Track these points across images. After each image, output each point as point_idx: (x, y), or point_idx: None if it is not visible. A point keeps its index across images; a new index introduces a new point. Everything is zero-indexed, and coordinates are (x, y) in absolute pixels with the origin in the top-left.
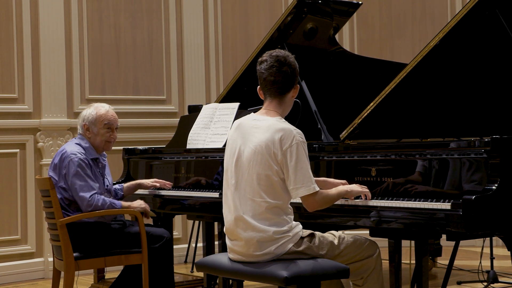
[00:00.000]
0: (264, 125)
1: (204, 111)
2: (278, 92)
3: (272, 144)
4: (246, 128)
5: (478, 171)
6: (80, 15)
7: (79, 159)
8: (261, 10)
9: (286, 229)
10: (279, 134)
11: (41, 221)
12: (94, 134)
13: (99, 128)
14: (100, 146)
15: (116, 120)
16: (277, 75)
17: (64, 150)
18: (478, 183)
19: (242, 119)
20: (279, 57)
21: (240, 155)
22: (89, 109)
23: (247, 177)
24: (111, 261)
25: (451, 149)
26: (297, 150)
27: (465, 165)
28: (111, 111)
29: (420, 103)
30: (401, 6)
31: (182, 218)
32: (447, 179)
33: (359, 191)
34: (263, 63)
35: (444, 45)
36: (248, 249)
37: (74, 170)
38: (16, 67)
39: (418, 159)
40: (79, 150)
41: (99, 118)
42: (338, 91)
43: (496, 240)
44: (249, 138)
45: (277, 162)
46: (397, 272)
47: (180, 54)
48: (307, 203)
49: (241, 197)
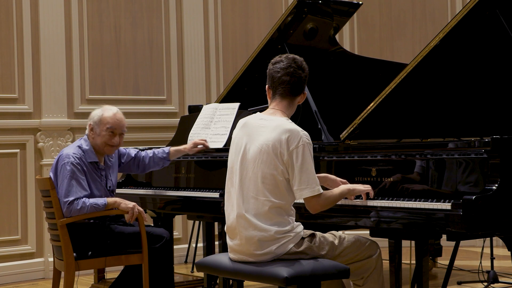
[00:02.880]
0: (272, 124)
1: (204, 111)
2: (290, 93)
3: (279, 144)
4: (253, 127)
5: (478, 171)
6: (80, 15)
7: (72, 163)
8: (261, 10)
9: (288, 229)
10: (287, 134)
11: (41, 221)
12: (96, 134)
13: (101, 130)
14: (101, 148)
15: (120, 126)
16: (292, 76)
17: (61, 153)
18: (478, 183)
19: (248, 118)
20: (297, 60)
21: (245, 153)
22: (98, 110)
23: (251, 175)
24: (111, 261)
25: (451, 149)
26: (303, 152)
27: (465, 165)
28: (118, 115)
29: (420, 103)
30: (401, 6)
31: (182, 218)
32: (447, 179)
33: (361, 190)
34: (279, 63)
35: (444, 45)
36: (248, 248)
37: (65, 173)
38: (16, 67)
39: (418, 159)
40: (75, 153)
41: (103, 120)
42: (338, 91)
43: (496, 240)
44: (255, 137)
45: (283, 162)
46: (397, 272)
47: (180, 54)
48: (310, 204)
49: (244, 196)
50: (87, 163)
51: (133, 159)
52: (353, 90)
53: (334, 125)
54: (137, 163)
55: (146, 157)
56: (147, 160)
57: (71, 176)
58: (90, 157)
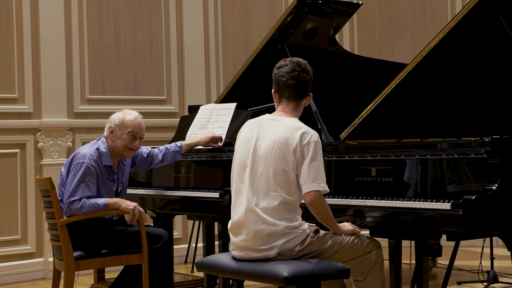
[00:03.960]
0: (282, 123)
1: (201, 111)
2: (296, 96)
3: (292, 141)
4: (264, 125)
5: (478, 171)
6: (80, 15)
7: (87, 165)
8: (261, 10)
9: (296, 225)
10: (300, 131)
11: (41, 221)
12: (117, 138)
13: (123, 133)
14: (121, 151)
15: (141, 130)
16: (297, 79)
17: (78, 151)
18: (478, 183)
19: (259, 118)
20: (301, 64)
21: (256, 149)
22: (118, 113)
23: (262, 171)
24: (111, 261)
25: (451, 149)
26: (314, 148)
27: (465, 165)
28: (139, 119)
29: (420, 103)
30: (401, 6)
31: (182, 218)
32: (447, 179)
33: (349, 230)
34: (283, 67)
35: (444, 45)
36: (255, 242)
37: (76, 173)
38: (16, 67)
39: (418, 159)
40: (92, 154)
41: (125, 124)
42: (338, 91)
43: (496, 240)
44: (266, 134)
45: (295, 159)
46: (397, 272)
47: (180, 54)
48: (312, 198)
49: (254, 191)
50: (101, 166)
51: (145, 159)
52: (353, 90)
53: (334, 125)
54: (150, 161)
55: (159, 154)
56: (161, 156)
57: (82, 177)
58: (105, 161)
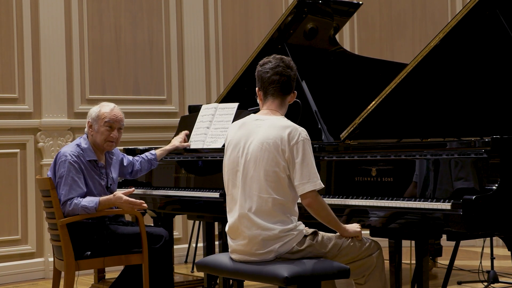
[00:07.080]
0: (269, 122)
1: (203, 111)
2: (281, 92)
3: (280, 141)
4: (250, 127)
5: (478, 171)
6: (81, 15)
7: (69, 161)
8: (261, 10)
9: (291, 227)
10: (287, 130)
11: (41, 221)
12: (96, 132)
13: (100, 125)
14: (101, 144)
15: (118, 120)
16: (282, 75)
17: (59, 151)
18: (478, 183)
19: (244, 119)
20: (284, 60)
21: (245, 152)
22: (96, 106)
23: (253, 173)
24: (111, 261)
25: (451, 149)
26: (303, 147)
27: (465, 165)
28: (116, 110)
29: (420, 103)
30: (401, 6)
31: (182, 218)
32: (447, 179)
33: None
34: (267, 64)
35: (444, 45)
36: (251, 247)
37: (62, 172)
38: (16, 67)
39: (418, 159)
40: (73, 151)
41: (101, 116)
42: (338, 91)
43: (496, 240)
44: (254, 136)
45: (284, 159)
46: (397, 272)
47: (180, 54)
48: (309, 200)
49: (247, 194)
50: (85, 162)
51: (126, 167)
52: (353, 90)
53: (334, 125)
54: (131, 169)
55: (136, 163)
56: (138, 165)
57: (67, 174)
58: (88, 156)
